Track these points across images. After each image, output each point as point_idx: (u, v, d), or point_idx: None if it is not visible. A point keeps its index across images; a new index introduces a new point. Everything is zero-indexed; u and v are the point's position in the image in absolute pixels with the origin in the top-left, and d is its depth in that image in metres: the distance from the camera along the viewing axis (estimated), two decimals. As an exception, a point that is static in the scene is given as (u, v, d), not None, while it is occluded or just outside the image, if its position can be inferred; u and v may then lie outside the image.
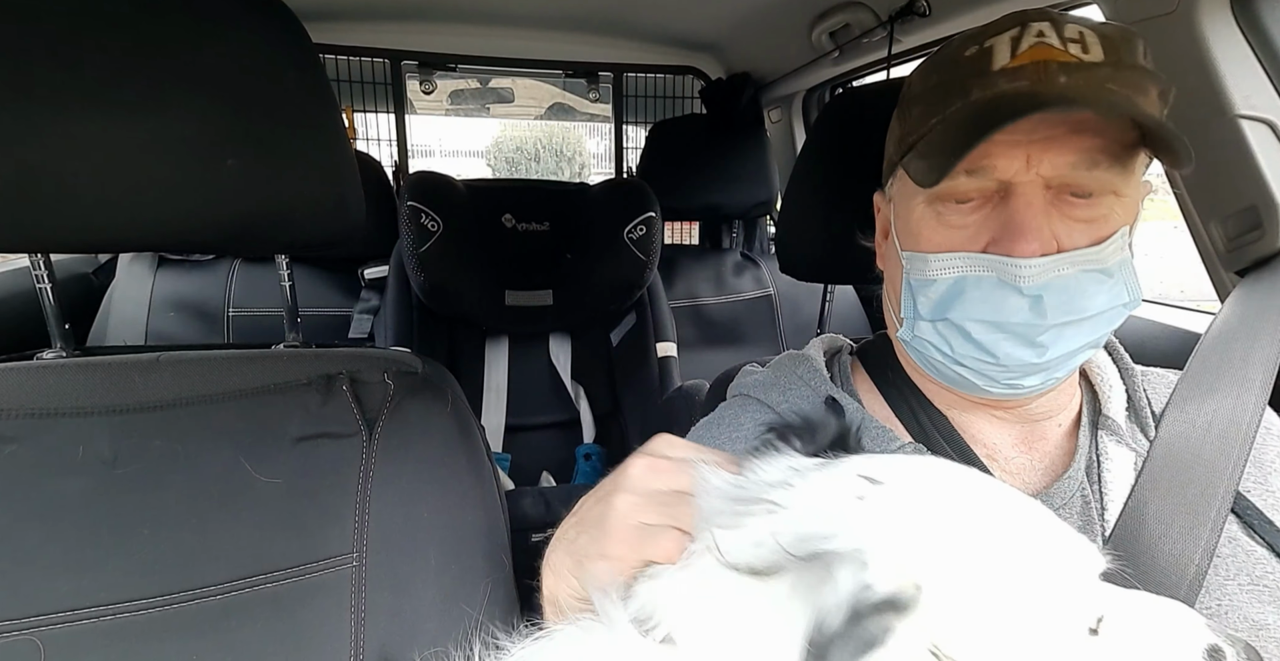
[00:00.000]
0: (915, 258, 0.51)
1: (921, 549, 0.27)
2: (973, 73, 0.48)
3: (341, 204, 0.64)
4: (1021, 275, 0.46)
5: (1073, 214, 0.47)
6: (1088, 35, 0.47)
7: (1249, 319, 0.58)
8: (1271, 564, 0.48)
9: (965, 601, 0.27)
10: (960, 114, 0.48)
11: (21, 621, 0.52)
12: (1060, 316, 0.47)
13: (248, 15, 0.57)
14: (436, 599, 0.60)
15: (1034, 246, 0.46)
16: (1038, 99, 0.44)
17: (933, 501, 0.30)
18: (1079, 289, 0.47)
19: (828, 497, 0.30)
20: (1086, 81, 0.46)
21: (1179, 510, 0.48)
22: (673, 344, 1.57)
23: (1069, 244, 0.47)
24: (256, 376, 0.64)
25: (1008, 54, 0.47)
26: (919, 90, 0.53)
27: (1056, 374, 0.50)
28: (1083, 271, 0.47)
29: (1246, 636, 0.44)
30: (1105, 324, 0.49)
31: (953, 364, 0.52)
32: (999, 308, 0.48)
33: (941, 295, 0.50)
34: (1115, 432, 0.54)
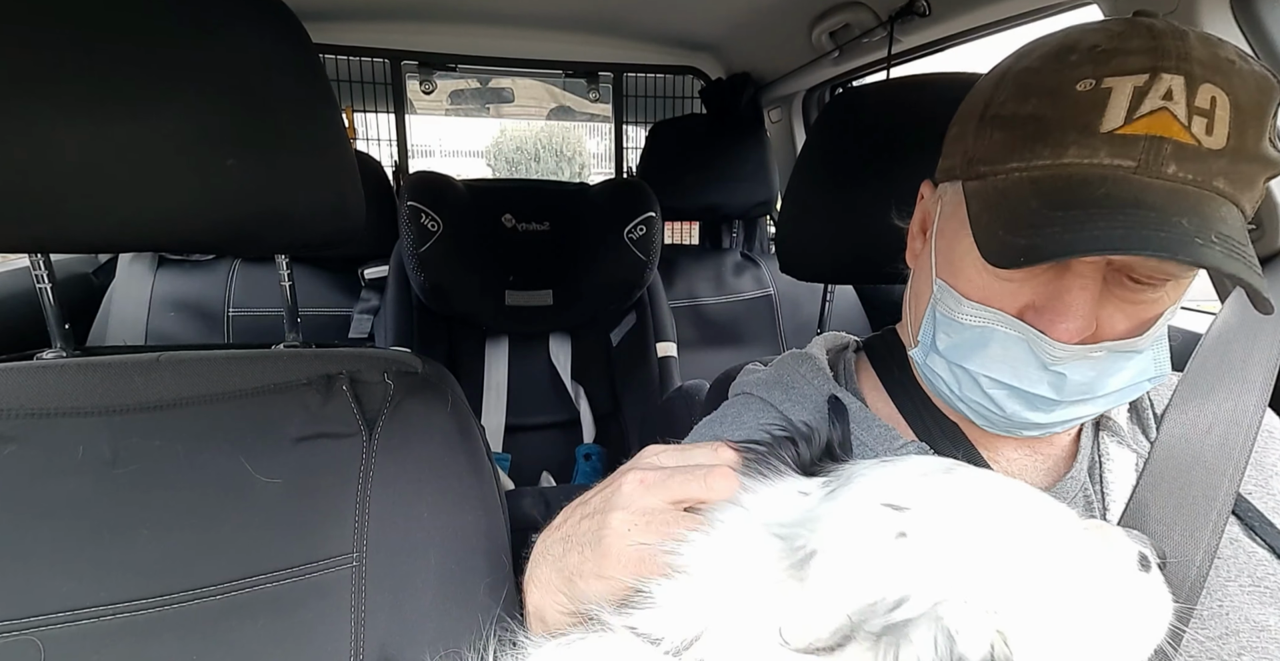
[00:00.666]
0: (948, 293, 0.48)
1: (990, 593, 0.27)
2: (1077, 124, 0.41)
3: (341, 204, 0.64)
4: (1052, 354, 0.44)
5: (1125, 296, 0.44)
6: (1219, 103, 0.40)
7: (1249, 319, 0.58)
8: (1273, 565, 0.48)
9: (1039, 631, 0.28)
10: (1049, 183, 0.42)
11: (21, 621, 0.52)
12: (1077, 395, 0.46)
13: (248, 15, 0.57)
14: (436, 599, 0.60)
15: (1073, 332, 0.43)
16: (1138, 203, 0.39)
17: (972, 527, 0.30)
18: (1104, 370, 0.45)
19: (865, 538, 0.29)
20: (1196, 174, 0.40)
21: (1180, 511, 0.48)
22: (673, 344, 1.57)
23: (1108, 330, 0.45)
24: (256, 376, 0.64)
25: (1122, 113, 0.40)
26: (1009, 111, 0.45)
27: (1057, 430, 0.50)
28: (1113, 358, 0.45)
29: (1247, 636, 0.45)
30: (1123, 397, 0.47)
31: (957, 402, 0.51)
32: (1019, 374, 0.46)
33: (965, 341, 0.48)
34: (1116, 433, 0.54)
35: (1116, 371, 0.45)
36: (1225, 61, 0.41)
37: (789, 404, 0.59)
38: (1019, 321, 0.45)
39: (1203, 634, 0.45)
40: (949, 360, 0.49)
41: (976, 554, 0.28)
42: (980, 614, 0.26)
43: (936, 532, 0.29)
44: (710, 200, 1.76)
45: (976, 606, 0.26)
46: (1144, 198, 0.40)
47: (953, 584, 0.27)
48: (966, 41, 1.20)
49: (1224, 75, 0.40)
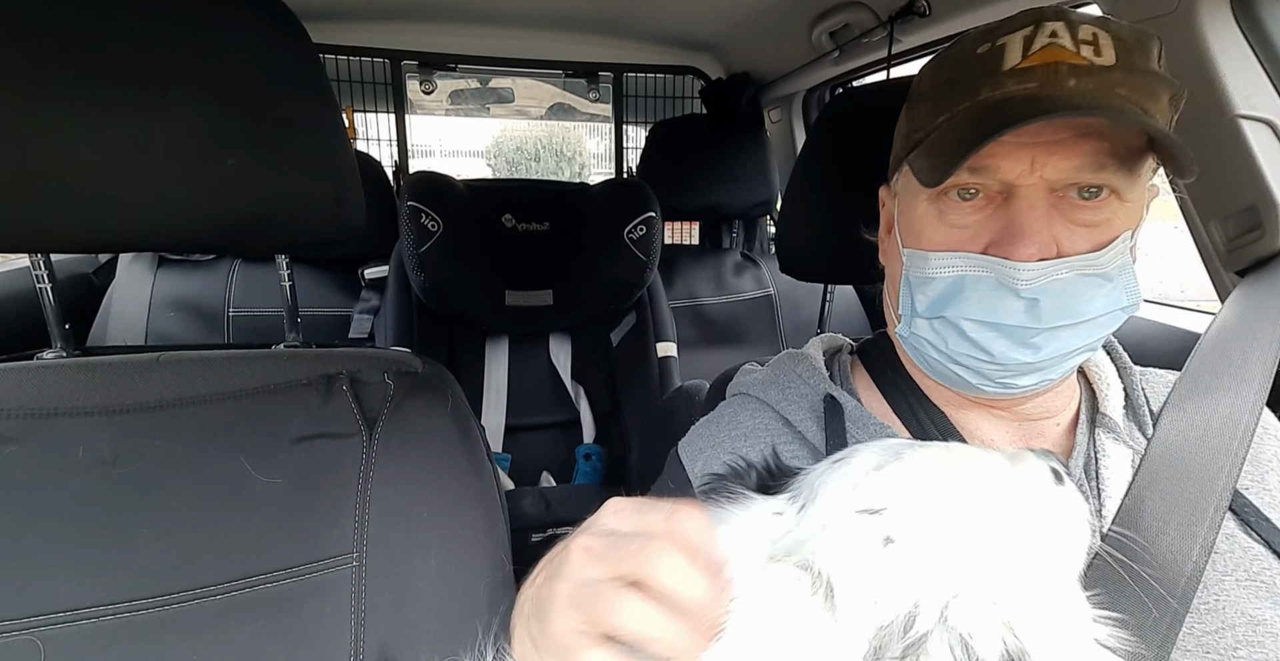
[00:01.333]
0: (916, 255, 0.52)
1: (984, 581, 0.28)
2: (983, 71, 0.48)
3: (341, 204, 0.64)
4: (1019, 278, 0.46)
5: (1075, 217, 0.47)
6: (1101, 37, 0.46)
7: (1248, 319, 0.58)
8: (1268, 560, 0.48)
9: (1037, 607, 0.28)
10: (967, 113, 0.48)
11: (21, 621, 0.52)
12: (1055, 320, 0.47)
13: (248, 15, 0.57)
14: (436, 599, 0.60)
15: (1032, 250, 0.46)
16: (1045, 103, 0.44)
17: (945, 513, 0.30)
18: (1076, 293, 0.47)
19: (859, 556, 0.29)
20: (1096, 86, 0.45)
21: (1176, 508, 0.48)
22: (673, 344, 1.57)
23: (1069, 248, 0.47)
24: (256, 376, 0.64)
25: (1019, 54, 0.47)
26: (928, 86, 0.53)
27: (1051, 375, 0.50)
28: (1080, 276, 0.47)
29: (1242, 630, 0.45)
30: (1102, 327, 0.49)
31: (948, 362, 0.52)
32: (995, 308, 0.48)
33: (940, 293, 0.50)
34: (1112, 430, 0.54)
35: (1089, 296, 0.47)
36: (1102, 20, 0.48)
37: (785, 403, 0.59)
38: (982, 256, 0.48)
39: (1199, 628, 0.46)
40: (928, 318, 0.51)
41: (959, 541, 0.29)
42: (984, 611, 0.26)
43: (917, 528, 0.30)
44: (710, 200, 1.76)
45: (978, 603, 0.26)
46: (1045, 106, 0.44)
47: (949, 581, 0.27)
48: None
49: (1100, 24, 0.47)
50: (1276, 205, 0.69)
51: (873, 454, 0.35)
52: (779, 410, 0.59)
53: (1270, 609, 0.46)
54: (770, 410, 0.60)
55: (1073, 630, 0.29)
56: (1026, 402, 0.55)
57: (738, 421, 0.60)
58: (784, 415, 0.58)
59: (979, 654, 0.25)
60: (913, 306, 0.52)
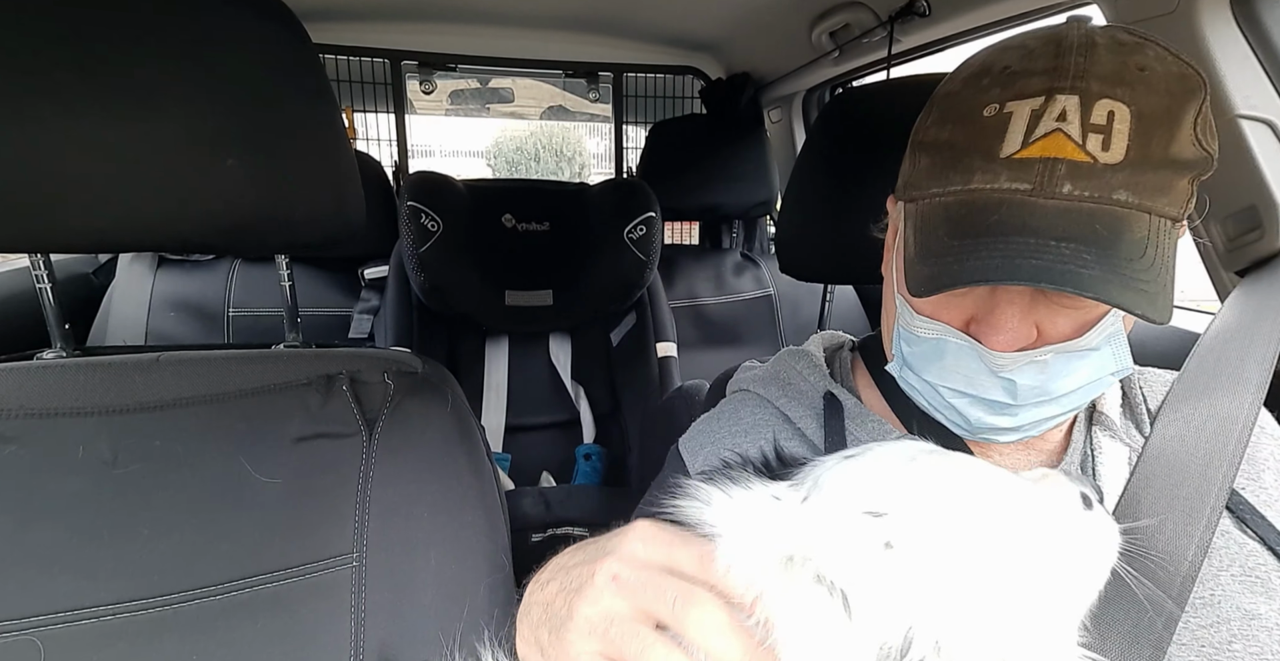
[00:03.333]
0: (905, 308, 0.51)
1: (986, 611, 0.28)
2: (981, 150, 0.44)
3: (341, 204, 0.64)
4: (995, 363, 0.46)
5: (1061, 302, 0.46)
6: (1118, 118, 0.41)
7: (1247, 319, 0.58)
8: (1263, 556, 0.48)
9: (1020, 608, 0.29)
10: (956, 209, 0.45)
11: (21, 621, 0.52)
12: (1031, 398, 0.47)
13: (248, 15, 0.57)
14: (436, 599, 0.60)
15: (1005, 342, 0.45)
16: (1031, 220, 0.42)
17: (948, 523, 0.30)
18: (1056, 372, 0.46)
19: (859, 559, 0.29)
20: (1094, 190, 0.41)
21: (1172, 507, 0.48)
22: (673, 344, 1.57)
23: (1051, 332, 0.46)
24: (256, 376, 0.64)
25: (1020, 138, 0.43)
26: (931, 137, 0.49)
27: (1033, 432, 0.50)
28: (1061, 359, 0.46)
29: (1237, 624, 0.45)
30: (1086, 394, 0.48)
31: (931, 411, 0.53)
32: (972, 381, 0.47)
33: (923, 353, 0.50)
34: (1109, 428, 0.54)
35: (1069, 372, 0.46)
36: (1134, 70, 0.42)
37: (785, 400, 0.59)
38: (963, 334, 0.47)
39: (1194, 622, 0.46)
40: (916, 374, 0.51)
41: (961, 556, 0.29)
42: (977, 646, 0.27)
43: (919, 537, 0.29)
44: (710, 200, 1.76)
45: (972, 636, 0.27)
46: (1031, 222, 0.42)
47: (947, 601, 0.28)
48: (966, 41, 1.20)
49: (1127, 86, 0.42)
50: (1276, 205, 0.69)
51: (886, 454, 0.35)
52: (779, 407, 0.59)
53: (1265, 603, 0.46)
54: (770, 407, 0.60)
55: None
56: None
57: (738, 417, 0.60)
58: (784, 412, 0.58)
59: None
60: (902, 355, 0.52)
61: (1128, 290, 0.40)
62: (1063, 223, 0.42)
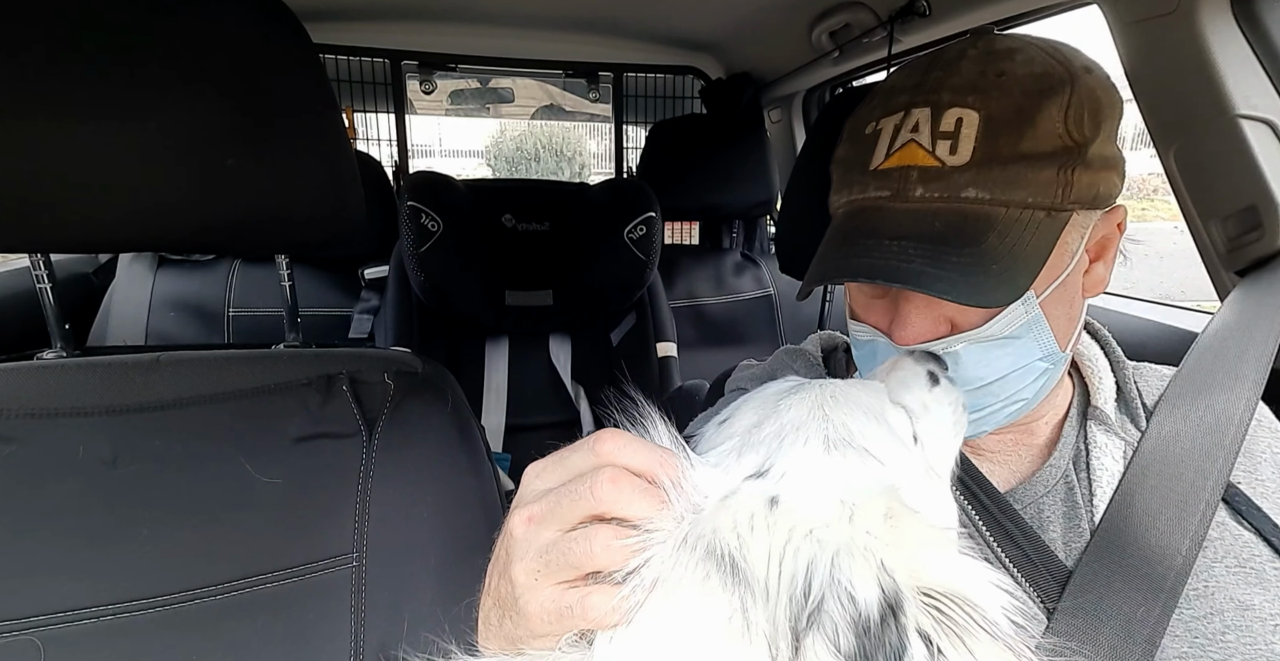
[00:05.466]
0: (849, 312, 0.57)
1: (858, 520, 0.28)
2: (860, 163, 0.51)
3: (341, 204, 0.64)
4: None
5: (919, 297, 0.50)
6: (966, 125, 0.46)
7: (1246, 317, 0.58)
8: (1258, 547, 0.48)
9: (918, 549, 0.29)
10: (842, 218, 0.53)
11: (21, 621, 0.52)
12: (965, 385, 0.49)
13: (248, 15, 0.57)
14: (436, 599, 0.60)
15: (907, 337, 0.49)
16: (882, 225, 0.48)
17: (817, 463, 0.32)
18: (972, 361, 0.49)
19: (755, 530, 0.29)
20: (943, 191, 0.47)
21: (1167, 503, 0.48)
22: (673, 344, 1.57)
23: (963, 322, 0.49)
24: (256, 376, 0.64)
25: (884, 151, 0.49)
26: (839, 155, 0.56)
27: (987, 426, 0.52)
28: (974, 345, 0.49)
29: (1231, 615, 0.46)
30: (1017, 380, 0.50)
31: None
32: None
33: (863, 356, 0.55)
34: (1104, 423, 0.55)
35: (988, 360, 0.49)
36: (992, 77, 0.47)
37: None
38: (879, 332, 0.52)
39: (1188, 613, 0.46)
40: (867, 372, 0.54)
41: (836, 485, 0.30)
42: (859, 554, 0.27)
43: (798, 482, 0.30)
44: (710, 200, 1.76)
45: (854, 551, 0.27)
46: (880, 225, 0.48)
47: (831, 532, 0.28)
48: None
49: (979, 93, 0.46)
50: (1276, 205, 0.69)
51: (751, 411, 0.36)
52: None
53: (1259, 594, 0.46)
54: None
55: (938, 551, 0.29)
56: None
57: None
58: None
59: (861, 605, 0.26)
60: (856, 359, 0.57)
61: (941, 279, 0.44)
62: (907, 222, 0.47)
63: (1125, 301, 1.17)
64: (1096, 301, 1.16)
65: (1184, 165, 0.78)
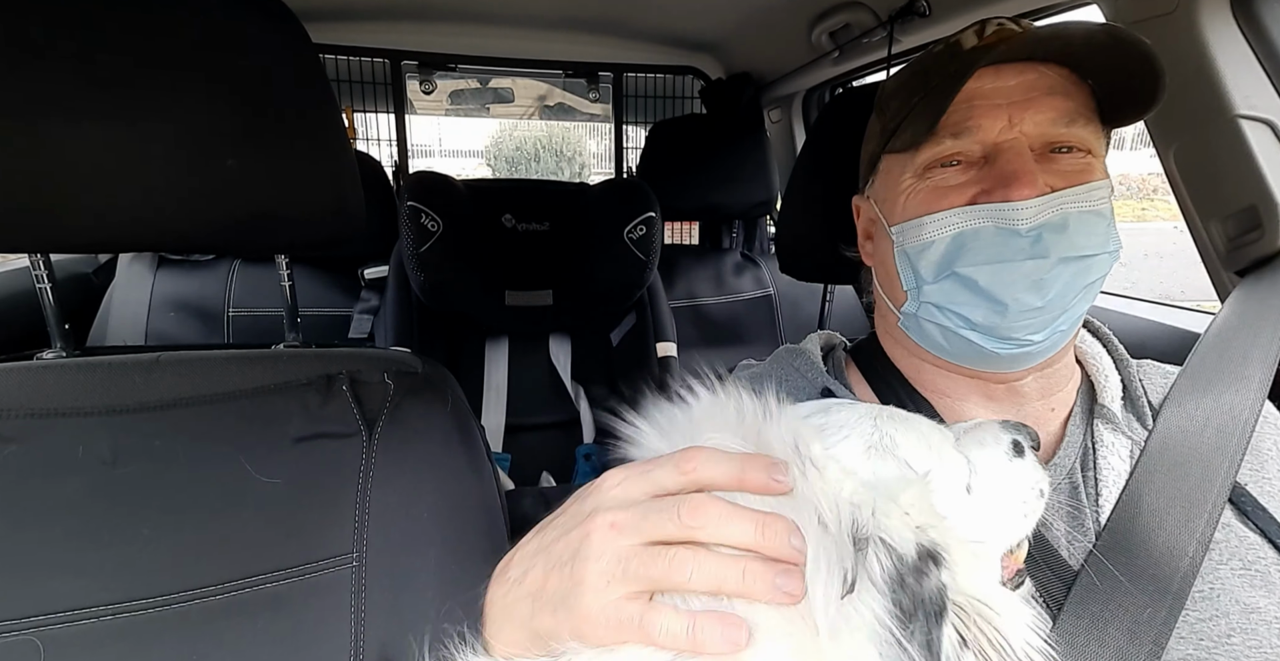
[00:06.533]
0: (909, 226, 0.53)
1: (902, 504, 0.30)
2: (946, 57, 0.53)
3: (341, 204, 0.64)
4: (1020, 217, 0.48)
5: (1057, 167, 0.50)
6: (1044, 26, 0.51)
7: (1249, 318, 0.59)
8: (1264, 549, 0.48)
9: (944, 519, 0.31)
10: (940, 83, 0.51)
11: (21, 621, 0.52)
12: (1061, 251, 0.49)
13: (248, 15, 0.57)
14: (436, 599, 0.60)
15: (1028, 190, 0.48)
16: (1009, 55, 0.50)
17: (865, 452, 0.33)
18: (1074, 227, 0.49)
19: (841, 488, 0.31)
20: (1050, 40, 0.49)
21: (1174, 503, 0.48)
22: (673, 344, 1.57)
23: (1061, 185, 0.50)
24: (256, 376, 0.64)
25: (975, 39, 0.51)
26: (893, 88, 0.57)
27: (1060, 325, 0.51)
28: (1077, 211, 0.49)
29: (1237, 618, 0.46)
30: (1098, 269, 0.51)
31: (961, 328, 0.53)
32: (1001, 250, 0.50)
33: (943, 254, 0.52)
34: (1111, 421, 0.54)
35: (1086, 230, 0.50)
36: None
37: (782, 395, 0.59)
38: (976, 205, 0.50)
39: (1193, 615, 0.46)
40: (936, 280, 0.52)
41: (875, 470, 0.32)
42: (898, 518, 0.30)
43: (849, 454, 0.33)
44: (710, 200, 1.76)
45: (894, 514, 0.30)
46: (1012, 52, 0.50)
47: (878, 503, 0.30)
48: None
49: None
50: (1276, 205, 0.69)
51: (805, 407, 0.38)
52: None
53: (1265, 596, 0.46)
54: None
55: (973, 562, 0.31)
56: (1027, 377, 0.55)
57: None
58: None
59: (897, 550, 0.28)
60: (916, 276, 0.54)
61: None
62: (1042, 47, 0.50)
63: (1125, 301, 1.17)
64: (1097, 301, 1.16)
65: (1184, 165, 0.78)
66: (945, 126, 0.51)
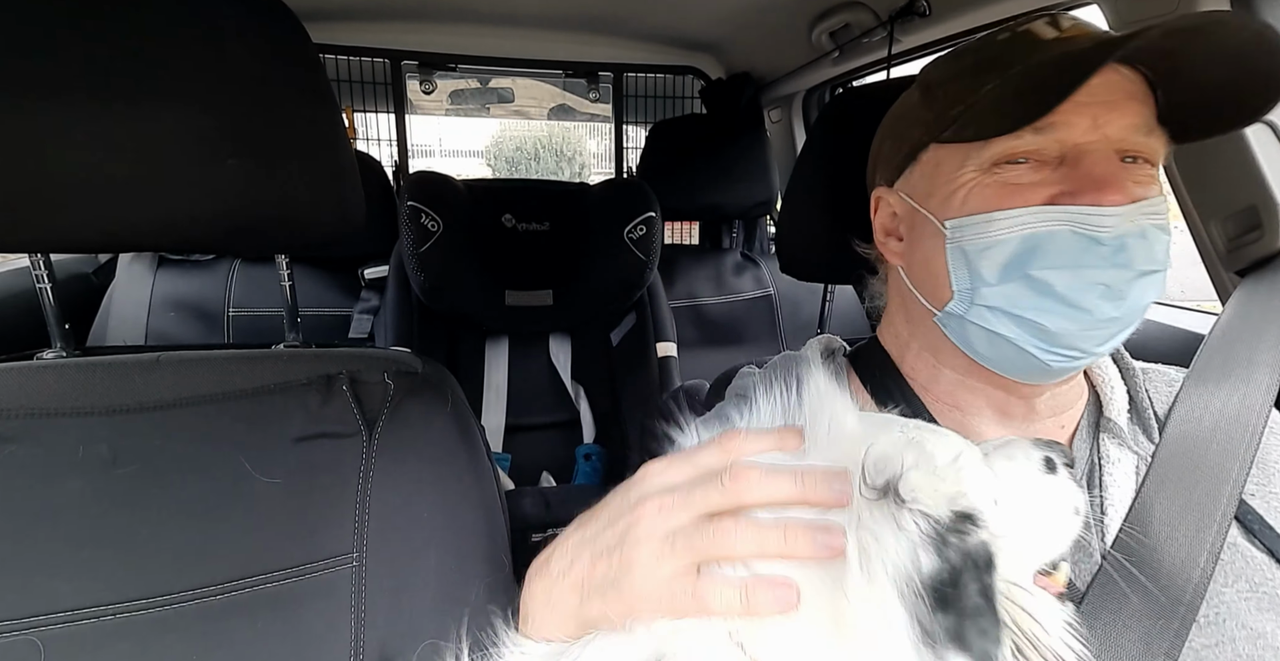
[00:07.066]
0: (968, 222, 0.48)
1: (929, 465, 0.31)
2: (1022, 45, 0.49)
3: (341, 204, 0.64)
4: (1105, 224, 0.45)
5: (1131, 177, 0.47)
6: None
7: (1253, 320, 0.58)
8: (1271, 570, 0.47)
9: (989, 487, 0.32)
10: (1029, 71, 0.47)
11: (21, 621, 0.52)
12: (1142, 263, 0.46)
13: (248, 15, 0.57)
14: (436, 599, 0.60)
15: (1119, 196, 0.45)
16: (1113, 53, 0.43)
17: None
18: (1153, 239, 0.47)
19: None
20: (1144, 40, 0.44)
21: (1186, 512, 0.47)
22: (673, 344, 1.57)
23: (1143, 195, 0.47)
24: (256, 376, 0.64)
25: (1051, 31, 0.48)
26: (946, 73, 0.53)
27: (1120, 339, 0.49)
28: (1152, 224, 0.47)
29: (1243, 643, 0.44)
30: (1162, 284, 0.49)
31: (1023, 332, 0.48)
32: (1081, 257, 0.46)
33: (1012, 255, 0.47)
34: (1117, 436, 0.53)
35: (1159, 243, 0.47)
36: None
37: None
38: (1055, 207, 0.46)
39: (1198, 641, 0.44)
40: (1001, 283, 0.48)
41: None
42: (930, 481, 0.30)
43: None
44: (710, 200, 1.76)
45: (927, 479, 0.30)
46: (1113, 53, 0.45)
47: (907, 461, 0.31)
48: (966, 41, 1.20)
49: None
50: (1277, 205, 0.69)
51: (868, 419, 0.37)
52: None
53: (1272, 621, 0.45)
54: None
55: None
56: (1045, 394, 0.53)
57: (731, 422, 0.60)
58: None
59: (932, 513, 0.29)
60: (973, 276, 0.49)
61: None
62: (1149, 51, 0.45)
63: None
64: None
65: (1184, 165, 0.78)
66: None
